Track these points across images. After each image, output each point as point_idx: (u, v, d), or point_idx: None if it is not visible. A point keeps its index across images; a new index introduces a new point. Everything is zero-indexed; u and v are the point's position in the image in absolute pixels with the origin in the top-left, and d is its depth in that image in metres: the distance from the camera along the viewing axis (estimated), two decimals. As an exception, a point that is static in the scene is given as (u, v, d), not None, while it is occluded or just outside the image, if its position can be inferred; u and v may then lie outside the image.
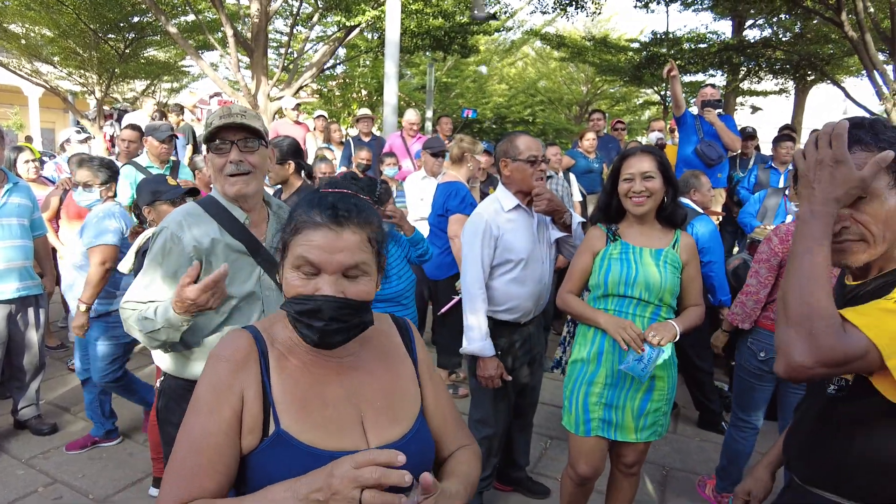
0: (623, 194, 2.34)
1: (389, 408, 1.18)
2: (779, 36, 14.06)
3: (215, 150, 1.85)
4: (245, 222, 1.91)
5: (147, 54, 15.59)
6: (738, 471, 3.04)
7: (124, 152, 5.08)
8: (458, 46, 12.43)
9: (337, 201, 1.12)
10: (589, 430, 2.35)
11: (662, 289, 2.28)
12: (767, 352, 2.83)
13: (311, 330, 1.08)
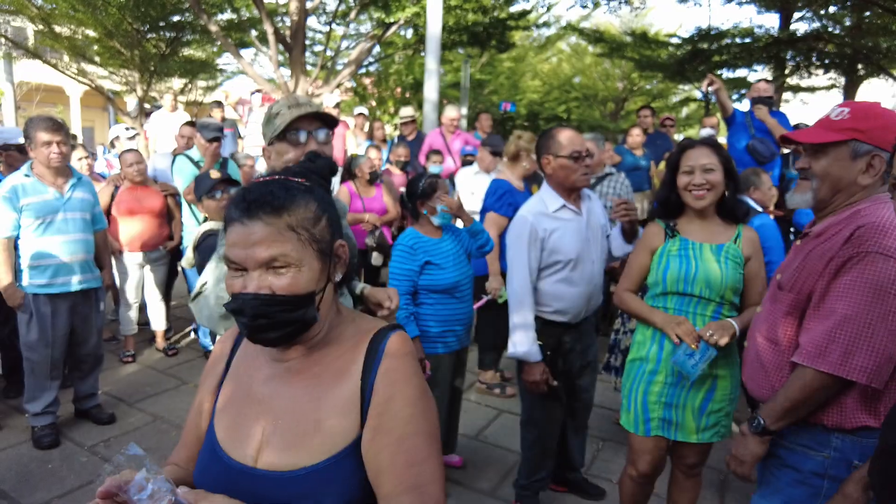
0: (682, 187, 2.27)
1: (293, 432, 1.05)
2: (828, 29, 13.56)
3: (291, 142, 1.77)
4: None
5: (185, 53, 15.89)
6: None
7: (182, 147, 5.26)
8: (496, 42, 12.33)
9: (252, 191, 1.05)
10: (649, 429, 2.31)
11: (724, 285, 2.20)
12: None
13: (244, 328, 1.04)
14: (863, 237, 1.49)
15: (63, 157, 3.38)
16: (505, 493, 3.12)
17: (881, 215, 1.52)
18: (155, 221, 4.68)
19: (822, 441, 1.60)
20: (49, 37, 13.14)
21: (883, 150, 1.55)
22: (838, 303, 1.50)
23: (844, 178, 1.60)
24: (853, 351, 1.45)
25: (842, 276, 1.51)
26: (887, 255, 1.45)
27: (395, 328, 1.14)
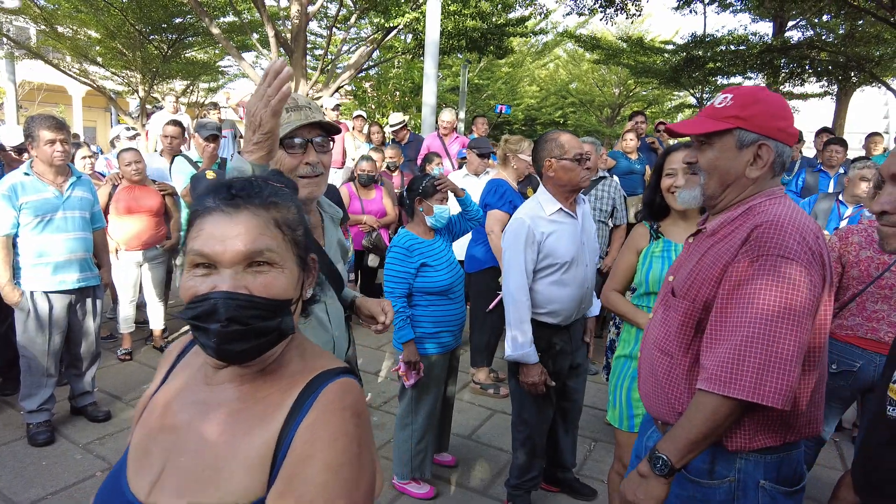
0: (665, 189, 2.33)
1: (191, 477, 0.90)
2: (821, 37, 13.69)
3: (290, 150, 1.68)
4: None
5: (187, 55, 15.97)
6: None
7: (167, 148, 5.24)
8: (494, 47, 12.42)
9: (237, 182, 0.96)
10: (633, 425, 2.35)
11: None
12: (839, 364, 2.71)
13: (207, 336, 0.89)
14: (762, 239, 1.34)
15: (66, 156, 3.42)
16: (497, 492, 3.15)
17: (778, 213, 1.39)
18: (153, 220, 4.72)
19: (727, 463, 1.45)
20: (51, 37, 13.20)
21: (769, 139, 1.42)
22: (743, 317, 1.32)
23: (732, 171, 1.46)
24: (765, 373, 1.28)
25: (744, 286, 1.34)
26: (789, 258, 1.31)
27: (341, 373, 0.98)
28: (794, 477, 1.47)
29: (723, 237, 1.46)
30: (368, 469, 0.91)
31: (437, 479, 3.22)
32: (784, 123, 1.45)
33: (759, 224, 1.37)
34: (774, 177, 1.48)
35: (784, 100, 1.49)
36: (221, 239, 0.89)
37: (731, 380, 1.30)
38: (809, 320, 1.32)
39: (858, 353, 2.66)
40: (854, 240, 2.69)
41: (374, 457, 0.96)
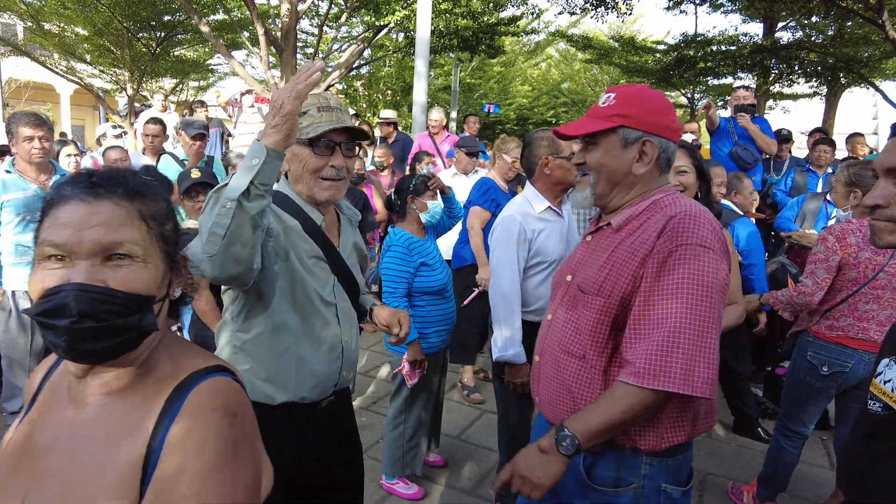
0: None
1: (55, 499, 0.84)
2: (811, 38, 13.80)
3: (318, 152, 1.65)
4: (321, 225, 1.73)
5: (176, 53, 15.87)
6: (784, 479, 2.97)
7: (149, 147, 5.17)
8: (486, 47, 12.41)
9: (101, 172, 0.91)
10: None
11: None
12: (831, 366, 2.70)
13: (57, 335, 0.81)
14: (679, 229, 1.34)
15: (44, 153, 3.37)
16: (486, 492, 3.14)
17: (687, 205, 1.41)
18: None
19: (632, 469, 1.43)
20: (38, 34, 13.06)
21: (653, 135, 1.44)
22: (668, 308, 1.30)
23: (619, 169, 1.47)
24: (694, 364, 1.26)
25: (666, 276, 1.32)
26: (706, 247, 1.32)
27: (213, 372, 0.93)
28: (688, 476, 1.52)
29: (632, 231, 1.44)
30: (248, 469, 0.88)
31: (426, 479, 3.20)
32: (666, 120, 1.47)
33: (674, 215, 1.37)
34: (662, 174, 1.50)
35: (665, 97, 1.51)
36: (78, 228, 0.83)
37: (661, 373, 1.27)
38: (723, 309, 1.35)
39: (849, 353, 2.66)
40: (851, 241, 2.67)
41: (257, 455, 0.93)
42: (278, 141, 1.32)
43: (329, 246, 1.74)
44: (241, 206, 1.28)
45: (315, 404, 1.74)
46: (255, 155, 1.30)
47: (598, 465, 1.47)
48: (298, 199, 1.72)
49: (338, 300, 1.76)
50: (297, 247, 1.66)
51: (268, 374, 1.66)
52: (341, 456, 1.90)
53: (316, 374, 1.70)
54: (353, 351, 1.85)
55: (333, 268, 1.75)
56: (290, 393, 1.67)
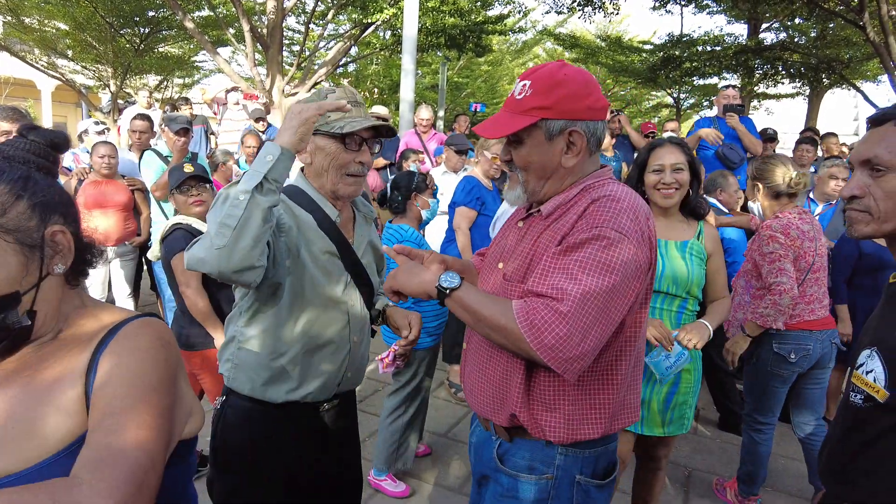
0: (651, 186, 2.31)
1: None
2: (794, 39, 13.99)
3: (349, 146, 1.64)
4: (336, 221, 1.70)
5: (161, 49, 15.67)
6: (762, 473, 3.00)
7: (136, 143, 5.11)
8: (473, 45, 12.41)
9: None
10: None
11: (690, 282, 2.25)
12: (797, 352, 2.79)
13: None
14: (597, 213, 1.28)
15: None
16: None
17: (616, 189, 1.35)
18: (121, 216, 4.59)
19: (546, 459, 1.42)
20: (17, 28, 12.82)
21: (578, 122, 1.35)
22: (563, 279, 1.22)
23: (548, 164, 1.39)
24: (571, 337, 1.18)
25: (571, 253, 1.25)
26: (622, 233, 1.25)
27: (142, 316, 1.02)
28: (608, 469, 1.49)
29: (558, 217, 1.38)
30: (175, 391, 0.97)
31: (413, 477, 3.19)
32: (590, 100, 1.36)
33: (597, 198, 1.32)
34: (593, 154, 1.43)
35: (586, 74, 1.39)
36: None
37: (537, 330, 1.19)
38: (625, 298, 1.26)
39: (808, 337, 2.79)
40: (793, 234, 2.77)
41: (187, 388, 1.02)
42: (293, 143, 1.40)
43: (343, 242, 1.72)
44: (253, 198, 1.32)
45: (317, 405, 1.73)
46: (270, 152, 1.37)
47: (511, 452, 1.46)
48: (315, 193, 1.70)
49: (349, 299, 1.73)
50: (311, 242, 1.64)
51: (271, 373, 1.64)
52: (342, 457, 1.88)
53: (320, 374, 1.68)
54: (362, 353, 1.82)
55: (347, 265, 1.73)
56: (292, 393, 1.65)
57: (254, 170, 1.36)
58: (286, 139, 1.39)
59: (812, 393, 2.92)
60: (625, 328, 1.37)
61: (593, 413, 1.39)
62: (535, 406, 1.39)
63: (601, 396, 1.39)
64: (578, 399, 1.37)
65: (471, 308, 1.30)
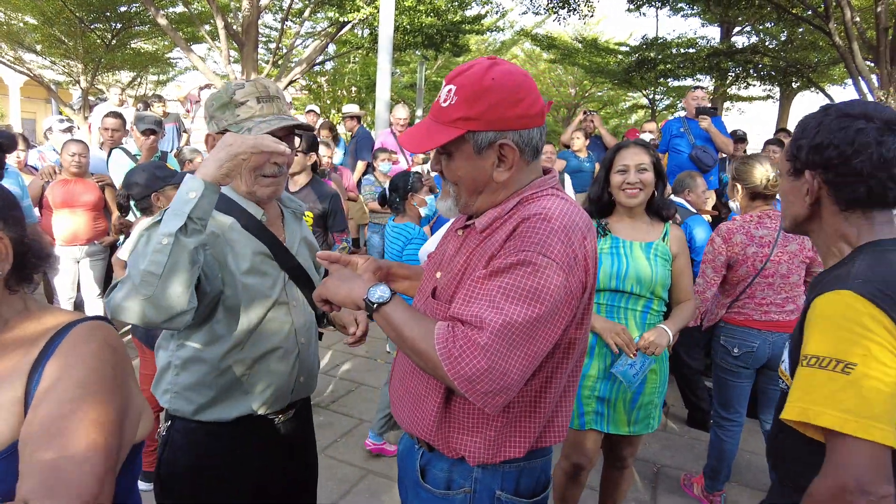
0: (616, 186, 2.34)
1: None
2: (765, 43, 14.30)
3: None
4: (262, 219, 1.62)
5: (134, 45, 15.39)
6: (727, 469, 3.07)
7: (108, 141, 5.03)
8: (450, 45, 12.43)
9: None
10: (584, 423, 2.36)
11: (654, 282, 2.29)
12: (740, 347, 2.88)
13: None
14: (526, 234, 1.18)
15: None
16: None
17: (548, 206, 1.23)
18: (91, 215, 4.51)
19: (463, 472, 1.35)
20: (-18, 22, 12.48)
21: (509, 132, 1.23)
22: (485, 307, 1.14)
23: (479, 178, 1.28)
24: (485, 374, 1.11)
25: (496, 278, 1.16)
26: (549, 258, 1.15)
27: (89, 320, 1.00)
28: (535, 486, 1.40)
29: (491, 233, 1.28)
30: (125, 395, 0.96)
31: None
32: (522, 107, 1.23)
33: (528, 217, 1.21)
34: (531, 162, 1.31)
35: (518, 75, 1.24)
36: None
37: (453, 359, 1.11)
38: (553, 328, 1.17)
39: (755, 334, 2.86)
40: (737, 239, 2.85)
41: (137, 391, 1.01)
42: (217, 177, 1.30)
43: (275, 241, 1.63)
44: (178, 242, 1.23)
45: (272, 418, 1.65)
46: (192, 188, 1.27)
47: (432, 464, 1.40)
48: (233, 193, 1.61)
49: (290, 299, 1.65)
50: (239, 245, 1.55)
51: (216, 392, 1.54)
52: (305, 461, 1.84)
53: (269, 383, 1.59)
54: (312, 354, 1.74)
55: (282, 265, 1.65)
56: (242, 407, 1.57)
57: (175, 209, 1.25)
58: (211, 172, 1.29)
59: (774, 392, 3.00)
60: (557, 350, 1.28)
61: (517, 436, 1.31)
62: (452, 428, 1.32)
63: (526, 422, 1.30)
64: (501, 425, 1.29)
65: (395, 326, 1.20)
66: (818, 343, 1.11)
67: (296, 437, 1.74)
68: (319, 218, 3.53)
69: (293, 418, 1.72)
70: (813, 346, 1.11)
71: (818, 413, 1.06)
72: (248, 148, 1.31)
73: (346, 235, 3.64)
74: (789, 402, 1.12)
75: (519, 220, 1.22)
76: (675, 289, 2.40)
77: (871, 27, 9.60)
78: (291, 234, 1.72)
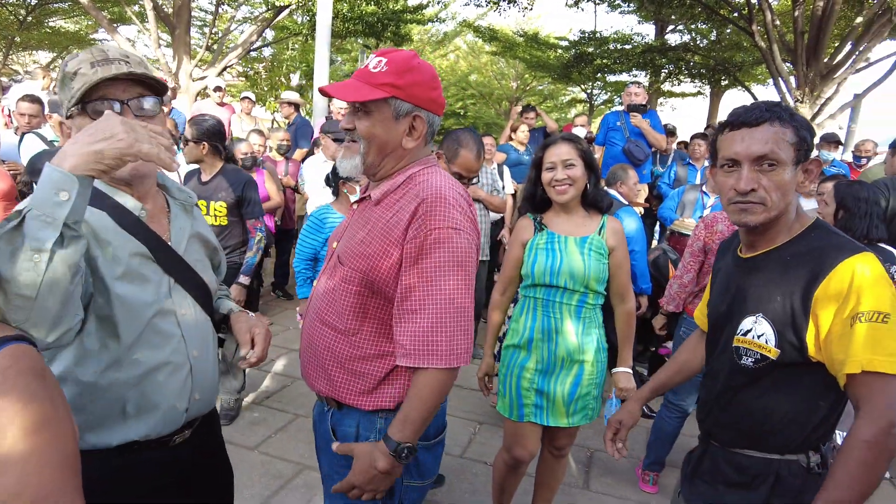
0: (546, 183, 2.35)
1: None
2: (696, 42, 14.90)
3: (95, 114, 1.25)
4: (140, 215, 1.36)
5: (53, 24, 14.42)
6: (661, 449, 3.18)
7: (24, 127, 4.68)
8: (392, 34, 12.29)
9: None
10: (523, 415, 2.38)
11: (587, 276, 2.30)
12: None
13: None
14: (430, 213, 1.37)
15: None
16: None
17: (439, 185, 1.42)
18: (1, 205, 4.19)
19: (369, 424, 1.50)
20: None
21: (422, 110, 1.44)
22: (429, 291, 1.36)
23: (390, 141, 1.45)
24: (455, 336, 1.37)
25: (423, 260, 1.36)
26: (457, 229, 1.37)
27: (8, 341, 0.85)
28: (432, 430, 1.55)
29: (388, 206, 1.45)
30: (70, 425, 0.86)
31: None
32: (434, 94, 1.47)
33: (425, 198, 1.39)
34: (426, 145, 1.54)
35: (434, 71, 1.50)
36: None
37: (431, 351, 1.35)
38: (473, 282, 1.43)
39: None
40: (719, 228, 2.93)
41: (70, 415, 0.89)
42: (93, 167, 1.03)
43: (156, 239, 1.38)
44: (55, 256, 1.00)
45: (165, 440, 1.41)
46: (61, 186, 1.00)
47: (341, 421, 1.54)
48: (100, 183, 1.33)
49: (177, 307, 1.41)
50: (112, 246, 1.30)
51: (92, 416, 1.30)
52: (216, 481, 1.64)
53: (158, 404, 1.35)
54: (209, 369, 1.49)
55: (166, 267, 1.40)
56: (123, 433, 1.32)
57: (43, 214, 0.99)
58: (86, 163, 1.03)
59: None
60: None
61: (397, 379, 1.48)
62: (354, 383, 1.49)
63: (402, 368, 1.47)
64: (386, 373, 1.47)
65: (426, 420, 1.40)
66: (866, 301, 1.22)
67: (198, 457, 1.52)
68: (234, 206, 3.44)
69: (191, 438, 1.48)
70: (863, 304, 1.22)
71: (871, 361, 1.19)
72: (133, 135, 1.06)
73: (259, 224, 3.55)
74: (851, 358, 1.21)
75: (418, 202, 1.39)
76: (613, 282, 2.43)
77: (790, 31, 10.16)
78: (178, 231, 1.46)
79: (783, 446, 1.37)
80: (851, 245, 1.30)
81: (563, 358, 2.33)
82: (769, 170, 1.32)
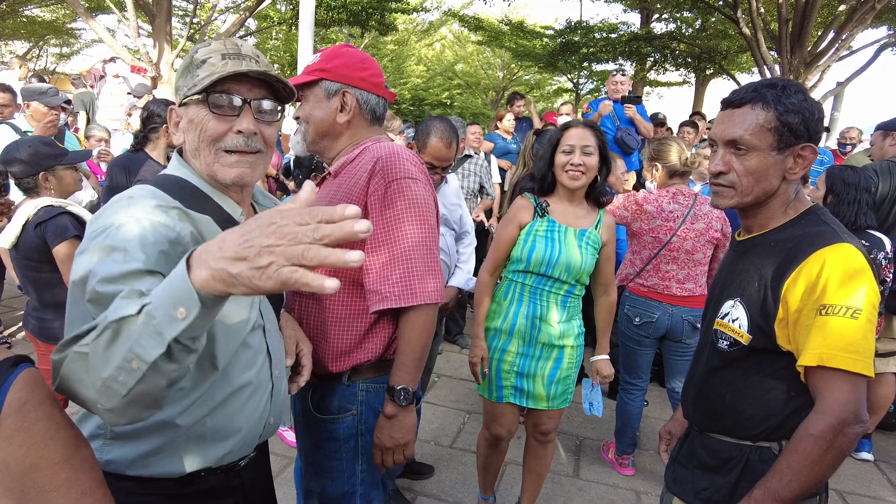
0: (559, 166, 2.28)
1: None
2: (682, 30, 14.92)
3: (215, 108, 1.16)
4: (240, 220, 1.25)
5: (28, 13, 14.09)
6: (632, 432, 3.21)
7: None
8: (376, 23, 12.16)
9: None
10: (501, 396, 2.39)
11: (581, 270, 2.30)
12: (642, 316, 3.02)
13: None
14: (387, 167, 1.52)
15: None
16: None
17: (392, 147, 1.58)
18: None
19: (350, 396, 1.59)
20: None
21: (351, 87, 1.60)
22: (396, 234, 1.49)
23: (326, 119, 1.61)
24: (425, 276, 1.49)
25: (388, 209, 1.50)
26: (414, 178, 1.53)
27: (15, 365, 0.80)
28: None
29: (347, 174, 1.59)
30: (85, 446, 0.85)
31: None
32: (365, 73, 1.61)
33: (380, 157, 1.54)
34: (371, 125, 1.67)
35: (365, 55, 1.67)
36: None
37: (404, 293, 1.48)
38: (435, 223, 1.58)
39: (656, 306, 3.01)
40: (648, 209, 2.98)
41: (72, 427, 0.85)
42: (221, 290, 0.76)
43: None
44: (155, 368, 0.81)
45: (231, 466, 1.27)
46: (181, 302, 0.77)
47: (323, 397, 1.62)
48: (205, 185, 1.23)
49: (266, 321, 1.29)
50: None
51: (165, 440, 1.15)
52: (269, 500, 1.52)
53: (238, 428, 1.22)
54: (284, 390, 1.38)
55: None
56: (197, 460, 1.18)
57: (156, 320, 0.79)
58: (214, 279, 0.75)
59: (677, 363, 3.12)
60: None
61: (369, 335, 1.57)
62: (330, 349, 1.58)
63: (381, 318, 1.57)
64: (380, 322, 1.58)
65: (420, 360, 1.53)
66: (833, 294, 1.19)
67: (256, 484, 1.38)
68: None
69: (254, 462, 1.35)
70: (829, 296, 1.19)
71: (831, 356, 1.17)
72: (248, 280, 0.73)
73: None
74: (808, 350, 1.19)
75: (374, 161, 1.53)
76: (600, 274, 2.42)
77: (774, 19, 10.21)
78: None
79: (755, 433, 1.34)
80: (832, 235, 1.26)
81: (544, 343, 2.34)
82: (741, 154, 1.31)
